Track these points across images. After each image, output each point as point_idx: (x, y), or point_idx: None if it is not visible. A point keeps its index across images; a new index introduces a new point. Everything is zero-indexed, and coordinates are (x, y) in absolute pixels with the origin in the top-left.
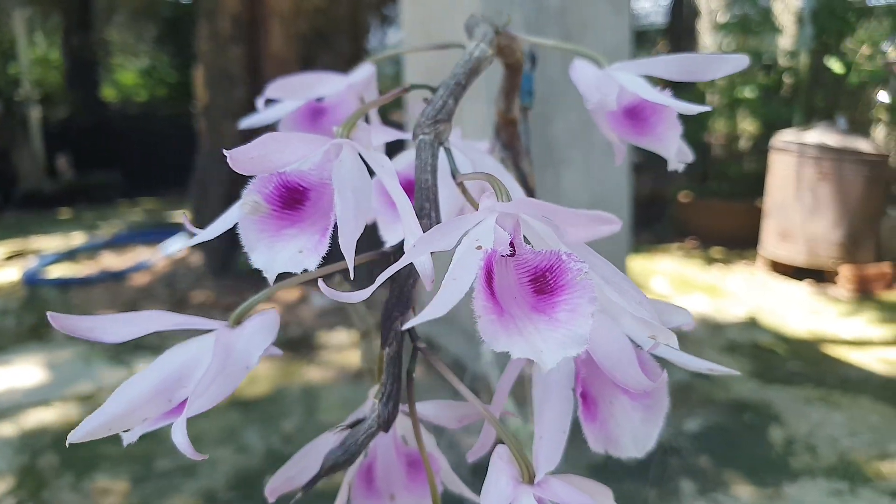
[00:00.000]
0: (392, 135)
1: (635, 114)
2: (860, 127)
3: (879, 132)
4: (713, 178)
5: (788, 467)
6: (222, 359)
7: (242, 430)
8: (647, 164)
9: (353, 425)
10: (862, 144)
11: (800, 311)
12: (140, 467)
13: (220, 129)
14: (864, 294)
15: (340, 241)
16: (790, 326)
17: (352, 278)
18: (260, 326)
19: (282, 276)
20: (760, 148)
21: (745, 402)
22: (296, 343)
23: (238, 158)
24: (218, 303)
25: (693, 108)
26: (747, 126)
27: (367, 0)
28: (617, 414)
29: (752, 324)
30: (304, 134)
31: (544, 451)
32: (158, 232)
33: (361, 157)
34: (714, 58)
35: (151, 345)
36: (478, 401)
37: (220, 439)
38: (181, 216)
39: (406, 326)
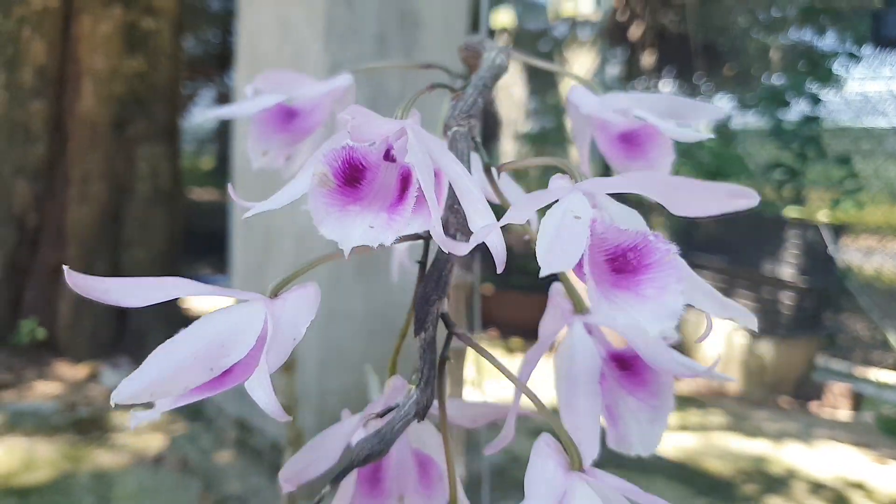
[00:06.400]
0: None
1: (631, 139)
2: None
3: None
4: (514, 273)
5: None
6: (274, 328)
7: None
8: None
9: (383, 414)
10: None
11: None
12: None
13: (9, 188)
14: None
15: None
16: None
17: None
18: (304, 298)
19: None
20: None
21: None
22: (85, 424)
23: (355, 126)
24: None
25: (694, 136)
26: None
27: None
28: (625, 414)
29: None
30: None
31: (584, 441)
32: None
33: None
34: (694, 104)
35: None
36: (520, 382)
37: None
38: None
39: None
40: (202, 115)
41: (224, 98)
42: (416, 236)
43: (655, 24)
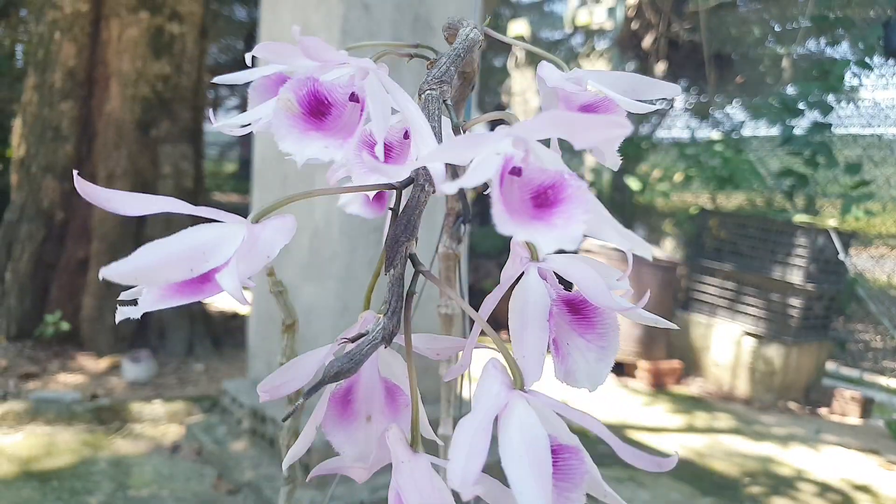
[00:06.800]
0: None
1: (591, 110)
2: (654, 236)
3: (668, 243)
4: None
5: None
6: (251, 243)
7: None
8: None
9: (354, 339)
10: (656, 252)
11: (605, 400)
12: None
13: (38, 185)
14: (659, 387)
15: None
16: (598, 413)
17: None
18: (280, 225)
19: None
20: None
21: None
22: (105, 414)
23: (305, 45)
24: (11, 370)
25: (646, 108)
26: None
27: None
28: (574, 352)
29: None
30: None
31: (529, 366)
32: None
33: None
34: (653, 82)
35: None
36: (477, 315)
37: None
38: None
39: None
40: (219, 79)
41: (247, 102)
42: (388, 186)
43: (668, 34)
